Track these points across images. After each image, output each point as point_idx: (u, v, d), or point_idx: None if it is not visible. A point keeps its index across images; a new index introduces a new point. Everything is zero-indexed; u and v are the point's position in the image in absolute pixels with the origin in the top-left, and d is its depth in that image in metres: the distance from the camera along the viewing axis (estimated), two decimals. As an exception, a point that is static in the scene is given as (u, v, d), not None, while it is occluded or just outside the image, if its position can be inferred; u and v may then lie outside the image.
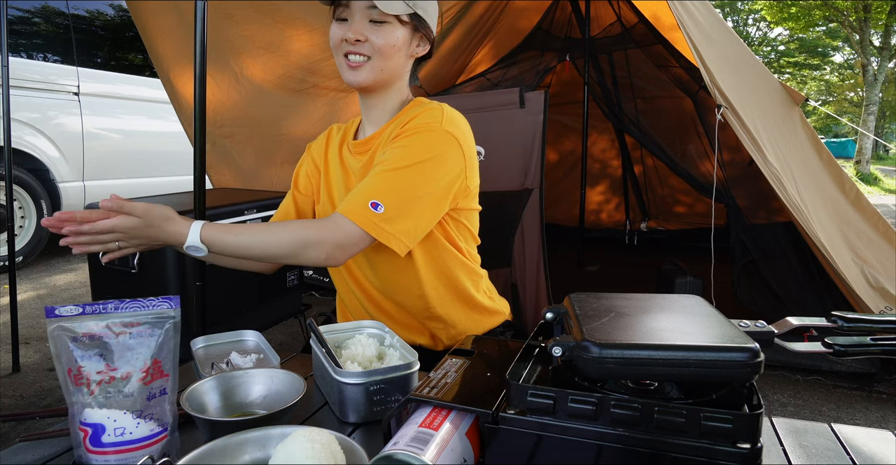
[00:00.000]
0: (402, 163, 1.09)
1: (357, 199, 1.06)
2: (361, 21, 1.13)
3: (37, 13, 4.37)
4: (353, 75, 1.16)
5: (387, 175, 1.08)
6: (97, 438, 0.67)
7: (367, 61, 1.15)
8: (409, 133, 1.13)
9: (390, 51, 1.15)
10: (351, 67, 1.16)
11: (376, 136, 1.23)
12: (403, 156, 1.10)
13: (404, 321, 1.27)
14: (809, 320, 0.74)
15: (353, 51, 1.14)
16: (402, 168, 1.08)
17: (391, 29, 1.14)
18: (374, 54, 1.14)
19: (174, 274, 2.14)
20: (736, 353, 0.61)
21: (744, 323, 0.73)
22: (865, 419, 2.30)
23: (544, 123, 2.44)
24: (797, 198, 2.35)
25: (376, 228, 1.04)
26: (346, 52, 1.15)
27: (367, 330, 1.00)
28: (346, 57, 1.16)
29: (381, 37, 1.13)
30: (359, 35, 1.12)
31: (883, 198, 11.24)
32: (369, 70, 1.15)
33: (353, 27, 1.13)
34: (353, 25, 1.13)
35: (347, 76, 1.17)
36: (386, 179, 1.08)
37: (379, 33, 1.13)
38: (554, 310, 0.79)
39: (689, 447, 0.59)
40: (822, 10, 16.24)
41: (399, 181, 1.08)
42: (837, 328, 0.73)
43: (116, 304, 0.70)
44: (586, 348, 0.62)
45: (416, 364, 0.86)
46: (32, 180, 4.14)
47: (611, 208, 5.31)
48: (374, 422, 0.84)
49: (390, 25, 1.13)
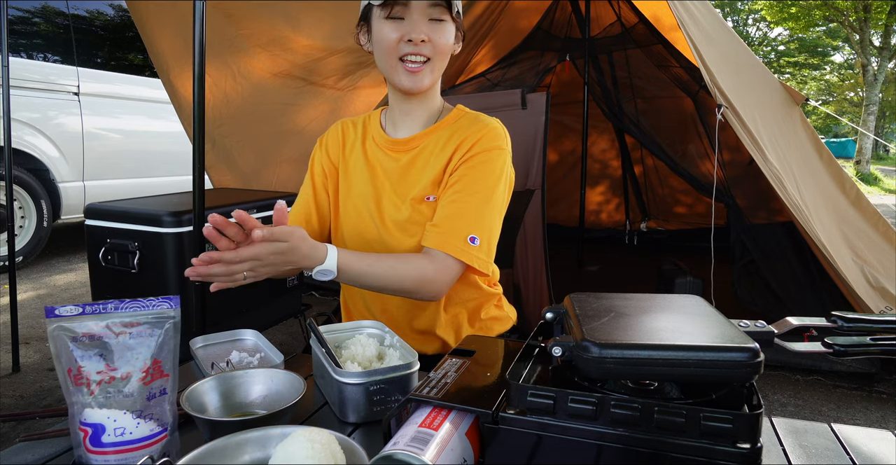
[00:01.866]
0: (484, 190, 1.12)
1: (457, 234, 1.09)
2: (421, 19, 1.07)
3: (37, 13, 4.37)
4: (414, 81, 1.10)
5: (477, 206, 1.12)
6: (97, 438, 0.67)
7: (426, 64, 1.10)
8: (484, 158, 1.13)
9: (448, 50, 1.11)
10: (411, 72, 1.09)
11: (419, 138, 1.19)
12: (486, 182, 1.13)
13: (414, 332, 1.26)
14: (809, 320, 0.74)
15: (416, 52, 1.08)
16: (486, 196, 1.13)
17: (448, 27, 1.10)
18: (433, 55, 1.10)
19: (174, 274, 2.14)
20: (736, 353, 0.60)
21: (744, 323, 0.73)
22: (865, 419, 2.30)
23: (546, 124, 2.44)
24: (797, 198, 2.35)
25: (477, 260, 1.10)
26: (404, 55, 1.09)
27: (367, 330, 1.00)
28: (402, 61, 1.09)
29: (442, 36, 1.09)
30: (424, 35, 1.07)
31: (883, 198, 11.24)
32: (429, 73, 1.11)
33: (416, 27, 1.06)
34: (415, 25, 1.07)
35: (405, 82, 1.11)
36: (477, 209, 1.11)
37: (439, 32, 1.09)
38: (554, 310, 0.79)
39: (689, 447, 0.59)
40: (822, 10, 16.24)
41: (487, 211, 1.13)
42: (837, 328, 0.73)
43: (116, 304, 0.70)
44: (586, 348, 0.62)
45: (416, 364, 0.85)
46: (32, 180, 4.14)
47: (611, 209, 5.31)
48: (374, 422, 0.83)
49: (447, 24, 1.10)
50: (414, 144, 1.20)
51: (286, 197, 2.67)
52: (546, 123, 2.44)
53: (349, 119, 1.31)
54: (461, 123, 1.20)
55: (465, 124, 1.19)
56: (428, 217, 1.16)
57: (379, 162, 1.22)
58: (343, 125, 1.30)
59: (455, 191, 1.13)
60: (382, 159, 1.22)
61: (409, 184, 1.20)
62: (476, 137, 1.15)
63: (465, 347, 0.87)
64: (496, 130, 1.17)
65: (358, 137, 1.27)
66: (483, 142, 1.15)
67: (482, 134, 1.15)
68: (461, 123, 1.20)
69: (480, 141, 1.15)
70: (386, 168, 1.21)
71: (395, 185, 1.21)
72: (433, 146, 1.18)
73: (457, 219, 1.11)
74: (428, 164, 1.19)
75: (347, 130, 1.29)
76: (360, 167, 1.24)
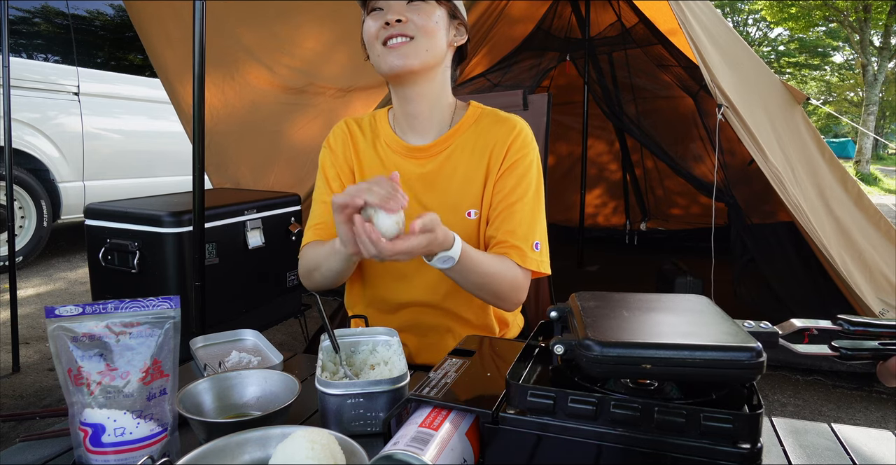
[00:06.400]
0: (532, 193, 1.16)
1: (526, 245, 1.13)
2: (399, 4, 1.07)
3: (37, 13, 4.37)
4: (396, 57, 1.06)
5: (531, 212, 1.15)
6: (97, 438, 0.67)
7: (410, 42, 1.06)
8: (524, 162, 1.16)
9: (434, 28, 1.08)
10: (392, 48, 1.06)
11: (441, 143, 1.17)
12: (531, 185, 1.16)
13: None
14: (814, 322, 0.73)
15: (395, 32, 1.05)
16: (535, 198, 1.17)
17: (430, 8, 1.08)
18: (417, 34, 1.06)
19: (174, 274, 2.13)
20: (738, 352, 0.60)
21: (748, 324, 0.73)
22: (865, 419, 2.30)
23: (547, 125, 2.43)
24: (798, 197, 2.34)
25: (543, 264, 1.15)
26: (385, 39, 1.06)
27: (379, 338, 0.96)
28: (384, 44, 1.07)
29: (422, 16, 1.07)
30: (399, 15, 1.05)
31: (883, 198, 11.24)
32: (413, 50, 1.06)
33: (392, 8, 1.06)
34: (391, 8, 1.06)
35: (389, 60, 1.07)
36: (531, 215, 1.15)
37: (419, 12, 1.07)
38: (558, 309, 0.79)
39: (689, 447, 0.59)
40: (822, 10, 16.25)
41: (538, 213, 1.17)
42: (842, 331, 0.72)
43: (116, 304, 0.70)
44: (588, 347, 0.62)
45: (405, 379, 0.81)
46: (32, 180, 4.14)
47: (611, 208, 5.31)
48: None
49: (428, 5, 1.08)
50: (436, 149, 1.17)
51: (286, 197, 2.67)
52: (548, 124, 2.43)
53: (351, 118, 1.26)
54: (483, 125, 1.18)
55: (487, 125, 1.18)
56: (465, 233, 1.12)
57: (397, 167, 1.17)
58: (348, 124, 1.24)
59: (509, 204, 1.14)
60: (404, 164, 1.18)
61: (438, 192, 1.17)
62: (507, 141, 1.16)
63: (465, 347, 0.87)
64: (524, 129, 1.18)
65: (367, 138, 1.22)
66: (517, 146, 1.16)
67: (512, 137, 1.16)
68: (483, 125, 1.18)
69: (514, 145, 1.15)
70: (407, 176, 1.15)
71: (420, 194, 1.17)
72: (460, 152, 1.16)
73: (519, 230, 1.13)
74: (457, 171, 1.16)
75: (353, 129, 1.24)
76: (376, 172, 1.19)
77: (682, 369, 0.61)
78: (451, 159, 1.17)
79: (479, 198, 1.16)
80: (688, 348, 0.61)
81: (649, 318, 0.71)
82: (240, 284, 2.37)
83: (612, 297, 0.77)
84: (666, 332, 0.67)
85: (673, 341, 0.63)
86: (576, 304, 0.75)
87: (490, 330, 1.24)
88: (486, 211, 1.17)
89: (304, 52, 3.03)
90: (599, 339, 0.63)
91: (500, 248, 1.13)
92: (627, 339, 0.64)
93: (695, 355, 0.61)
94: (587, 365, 0.63)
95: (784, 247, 2.84)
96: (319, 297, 0.96)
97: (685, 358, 0.61)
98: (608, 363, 0.62)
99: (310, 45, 3.02)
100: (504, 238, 1.13)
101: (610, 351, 0.62)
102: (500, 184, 1.16)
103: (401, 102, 1.17)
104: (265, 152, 3.40)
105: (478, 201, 1.16)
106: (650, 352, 0.61)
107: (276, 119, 3.29)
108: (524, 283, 1.13)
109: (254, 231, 2.41)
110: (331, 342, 0.90)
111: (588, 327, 0.66)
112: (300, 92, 3.18)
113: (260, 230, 2.44)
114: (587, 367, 0.63)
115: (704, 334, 0.66)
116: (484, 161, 1.16)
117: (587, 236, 4.52)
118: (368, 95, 3.21)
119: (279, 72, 3.08)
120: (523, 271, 1.13)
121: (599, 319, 0.69)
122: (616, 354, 0.62)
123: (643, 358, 0.61)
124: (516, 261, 1.12)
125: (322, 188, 1.22)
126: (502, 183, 1.15)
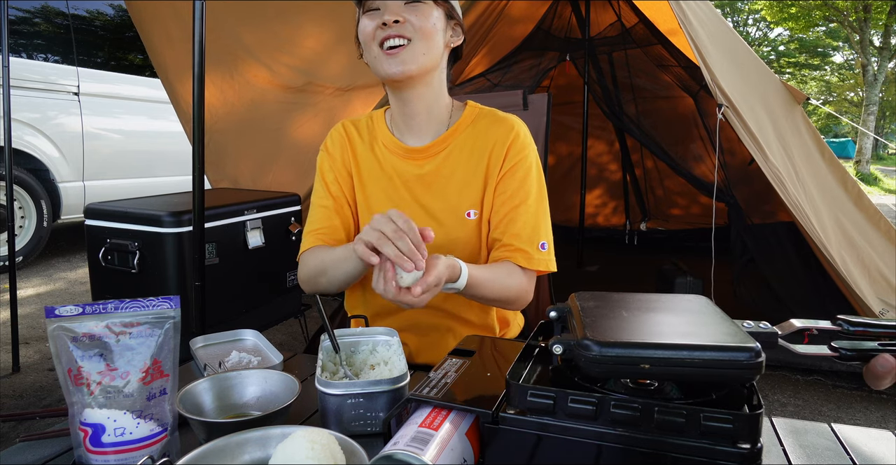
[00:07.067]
0: (535, 193, 1.16)
1: (531, 246, 1.13)
2: (396, 4, 1.05)
3: (37, 13, 4.37)
4: (393, 63, 1.05)
5: (535, 212, 1.15)
6: (97, 438, 0.67)
7: (408, 45, 1.05)
8: (524, 163, 1.16)
9: (432, 30, 1.06)
10: (390, 55, 1.04)
11: (439, 144, 1.16)
12: (532, 185, 1.16)
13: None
14: (814, 322, 0.73)
15: (392, 34, 1.03)
16: (538, 198, 1.17)
17: (428, 9, 1.06)
18: (414, 36, 1.05)
19: (174, 274, 2.14)
20: (737, 352, 0.60)
21: (748, 324, 0.73)
22: (865, 419, 2.30)
23: (548, 125, 2.43)
24: (798, 197, 2.34)
25: (549, 263, 1.15)
26: (382, 40, 1.05)
27: (379, 338, 0.96)
28: (381, 47, 1.05)
29: (420, 17, 1.05)
30: (396, 15, 1.03)
31: (883, 198, 11.24)
32: (411, 55, 1.05)
33: (388, 9, 1.04)
34: (388, 8, 1.04)
35: (387, 66, 1.05)
36: (535, 215, 1.15)
37: (417, 13, 1.05)
38: (558, 309, 0.79)
39: (689, 447, 0.59)
40: (822, 10, 16.25)
41: (542, 212, 1.17)
42: (842, 332, 0.72)
43: (116, 304, 0.70)
44: (587, 347, 0.62)
45: (405, 379, 0.81)
46: (32, 180, 4.14)
47: (611, 208, 5.31)
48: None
49: (426, 6, 1.06)
50: (434, 150, 1.17)
51: (286, 197, 2.67)
52: (548, 124, 2.43)
53: (348, 120, 1.25)
54: (481, 125, 1.18)
55: (485, 126, 1.18)
56: (466, 234, 1.15)
57: (395, 168, 1.18)
58: (345, 127, 1.24)
59: (512, 207, 1.14)
60: (401, 166, 1.18)
61: (437, 193, 1.17)
62: (506, 142, 1.15)
63: (465, 347, 0.87)
64: (521, 129, 1.18)
65: (365, 140, 1.22)
66: (516, 146, 1.16)
67: (511, 138, 1.16)
68: (481, 125, 1.18)
69: (513, 146, 1.15)
70: (405, 177, 1.17)
71: (419, 195, 1.17)
72: (458, 153, 1.16)
73: (524, 233, 1.13)
74: (455, 172, 1.16)
75: (351, 132, 1.23)
76: (373, 173, 1.20)
77: (680, 370, 0.61)
78: (450, 160, 1.17)
79: (479, 198, 1.16)
80: (686, 348, 0.61)
81: (648, 318, 0.71)
82: (240, 284, 2.37)
83: (611, 297, 0.77)
84: (665, 332, 0.67)
85: (671, 342, 0.63)
86: (575, 304, 0.75)
87: (491, 329, 1.24)
88: (486, 212, 1.17)
89: (304, 52, 3.02)
90: (598, 339, 0.63)
91: (504, 251, 1.13)
92: (626, 339, 0.64)
93: (693, 356, 0.60)
94: (586, 365, 0.63)
95: (784, 247, 2.84)
96: (319, 297, 0.96)
97: (684, 358, 0.61)
98: (607, 363, 0.62)
99: (309, 45, 3.01)
100: (509, 241, 1.13)
101: (608, 351, 0.62)
102: (501, 186, 1.16)
103: (398, 103, 1.17)
104: (264, 151, 3.40)
105: (477, 202, 1.16)
106: (649, 352, 0.61)
107: (275, 118, 3.29)
108: (529, 285, 1.14)
109: (254, 231, 2.41)
110: (331, 342, 0.90)
111: (587, 327, 0.66)
112: (299, 91, 3.17)
113: (260, 230, 2.44)
114: (586, 367, 0.63)
115: (703, 335, 0.66)
116: (483, 162, 1.16)
117: (587, 236, 4.52)
118: (368, 94, 3.21)
119: (279, 71, 3.08)
120: (528, 273, 1.13)
121: (598, 319, 0.69)
122: (615, 354, 0.62)
123: (642, 358, 0.61)
124: (521, 264, 1.12)
125: (320, 192, 1.22)
126: (504, 186, 1.15)
